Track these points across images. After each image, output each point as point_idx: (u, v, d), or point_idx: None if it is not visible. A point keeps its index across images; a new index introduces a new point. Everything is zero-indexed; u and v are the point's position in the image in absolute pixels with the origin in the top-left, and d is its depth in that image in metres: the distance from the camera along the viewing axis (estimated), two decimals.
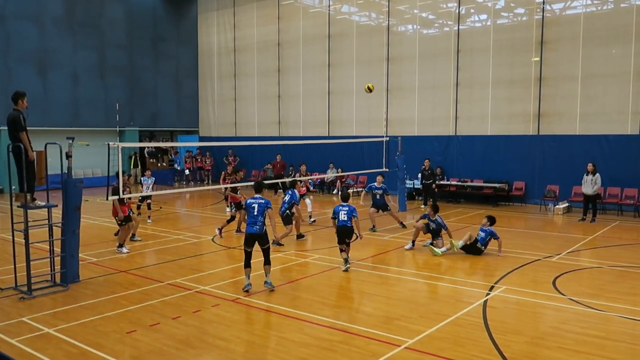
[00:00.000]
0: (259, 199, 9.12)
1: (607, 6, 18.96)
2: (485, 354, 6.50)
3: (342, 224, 10.42)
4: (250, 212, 9.04)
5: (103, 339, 7.03)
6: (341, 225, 10.42)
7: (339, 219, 10.46)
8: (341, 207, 10.57)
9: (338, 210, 10.56)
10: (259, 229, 8.96)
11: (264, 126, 28.11)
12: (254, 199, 9.15)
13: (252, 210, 9.01)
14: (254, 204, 9.03)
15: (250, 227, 9.00)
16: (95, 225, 15.98)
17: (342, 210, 10.49)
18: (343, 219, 10.42)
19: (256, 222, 8.97)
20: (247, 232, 9.07)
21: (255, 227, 8.96)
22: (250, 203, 9.08)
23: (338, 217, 10.51)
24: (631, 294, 8.94)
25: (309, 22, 26.12)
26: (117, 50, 28.79)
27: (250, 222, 9.01)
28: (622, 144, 18.04)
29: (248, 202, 9.13)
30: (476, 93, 21.07)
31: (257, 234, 8.98)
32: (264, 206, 9.04)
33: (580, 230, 15.05)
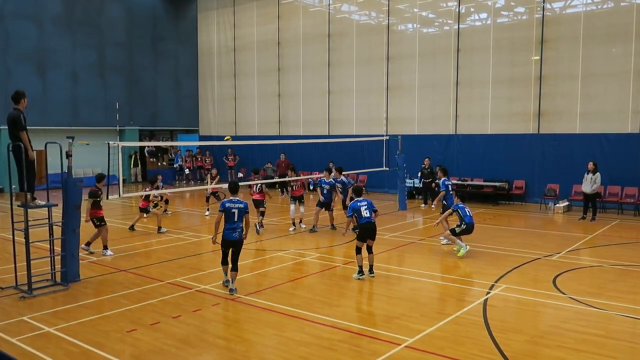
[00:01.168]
0: (237, 203, 8.78)
1: (607, 5, 18.95)
2: (485, 353, 6.50)
3: (366, 220, 9.58)
4: (231, 217, 8.68)
5: (103, 338, 7.03)
6: (366, 222, 9.58)
7: (362, 216, 9.59)
8: (359, 203, 9.73)
9: (358, 207, 9.68)
10: (238, 235, 8.74)
11: (264, 125, 28.10)
12: (231, 202, 8.77)
13: (232, 216, 8.68)
14: (234, 209, 8.70)
15: (230, 233, 8.68)
16: None
17: (363, 206, 9.65)
18: (366, 215, 9.57)
19: (236, 228, 8.70)
20: (226, 238, 8.70)
21: (235, 233, 8.70)
22: (230, 207, 8.71)
23: (359, 213, 9.65)
24: (631, 293, 8.94)
25: (309, 21, 26.11)
26: (116, 50, 28.78)
27: (230, 228, 8.68)
28: (622, 143, 18.03)
29: (227, 206, 8.72)
30: (476, 92, 21.06)
31: (237, 241, 8.76)
32: (243, 211, 8.78)
33: (581, 229, 15.05)
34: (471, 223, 11.40)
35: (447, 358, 6.37)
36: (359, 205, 9.72)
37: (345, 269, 10.68)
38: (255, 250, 12.49)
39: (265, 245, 13.06)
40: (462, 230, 11.41)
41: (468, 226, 11.36)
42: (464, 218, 11.35)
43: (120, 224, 16.26)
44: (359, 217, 9.67)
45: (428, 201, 19.76)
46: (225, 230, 8.70)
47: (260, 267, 10.80)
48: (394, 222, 16.08)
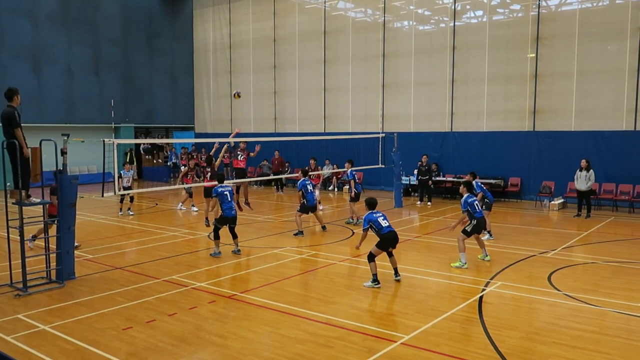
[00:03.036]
0: (226, 187, 11.23)
1: (602, 2, 18.98)
2: (480, 350, 6.52)
3: (388, 229, 9.39)
4: (224, 198, 11.03)
5: (99, 336, 7.02)
6: (388, 231, 9.39)
7: (382, 226, 9.39)
8: (375, 214, 9.54)
9: (374, 218, 9.46)
10: (235, 212, 11.26)
11: (260, 122, 28.07)
12: (223, 187, 11.13)
13: (226, 197, 11.04)
14: (226, 192, 11.10)
15: (229, 211, 11.10)
16: (90, 222, 15.93)
17: (380, 217, 9.51)
18: (386, 225, 9.43)
19: (232, 206, 11.12)
20: (226, 216, 11.09)
21: (232, 211, 11.15)
22: (222, 191, 11.06)
23: (378, 224, 9.41)
24: (626, 289, 8.99)
25: (305, 18, 26.07)
26: (112, 47, 28.67)
27: (227, 207, 11.07)
28: (617, 140, 18.09)
29: (220, 190, 11.06)
30: (472, 89, 21.08)
31: (234, 217, 11.21)
32: (232, 192, 11.27)
33: (575, 226, 15.11)
34: (481, 217, 10.82)
35: (442, 355, 6.39)
36: (375, 216, 9.49)
37: (341, 267, 10.70)
38: (251, 247, 12.48)
39: (261, 243, 13.06)
40: (473, 228, 10.68)
41: (478, 221, 10.69)
42: (474, 214, 10.65)
43: (115, 221, 16.23)
44: (379, 227, 9.38)
45: (424, 198, 19.80)
46: (224, 210, 11.07)
47: (256, 265, 10.80)
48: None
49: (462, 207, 10.69)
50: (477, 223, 10.61)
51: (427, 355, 6.40)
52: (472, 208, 10.65)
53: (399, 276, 9.49)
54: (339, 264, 10.85)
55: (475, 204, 10.73)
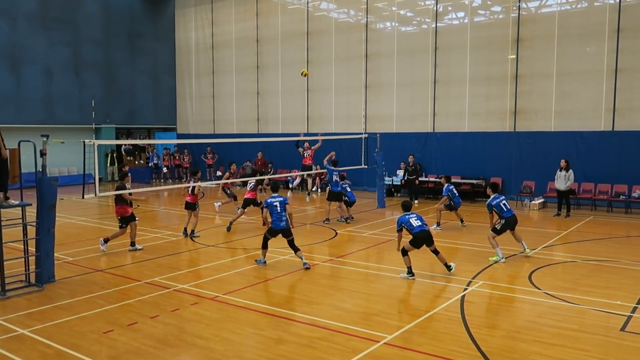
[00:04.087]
0: (277, 197, 10.44)
1: (581, 5, 19.28)
2: (462, 349, 6.57)
3: (420, 229, 9.73)
4: (274, 209, 10.26)
5: (79, 340, 6.93)
6: (420, 231, 9.71)
7: (414, 225, 9.75)
8: (408, 216, 9.93)
9: (406, 219, 9.86)
10: (284, 224, 10.29)
11: (243, 123, 27.96)
12: (272, 198, 10.44)
13: (276, 208, 10.27)
14: (275, 202, 10.33)
15: (278, 222, 10.27)
16: (71, 224, 15.74)
17: (413, 217, 9.88)
18: (418, 224, 9.77)
19: (282, 217, 10.27)
20: (274, 228, 10.31)
21: (282, 223, 10.28)
22: (272, 202, 10.33)
23: (411, 225, 9.78)
24: (605, 288, 9.13)
25: (288, 19, 26.05)
26: (92, 46, 28.35)
27: (277, 219, 10.25)
28: (595, 141, 18.37)
29: (269, 201, 10.35)
30: (454, 90, 21.24)
31: (284, 229, 10.30)
32: (284, 202, 10.36)
33: (555, 225, 15.30)
34: (510, 216, 11.06)
35: (425, 354, 6.43)
36: (407, 218, 9.92)
37: (324, 267, 10.71)
38: (235, 249, 12.43)
39: (244, 244, 13.02)
40: (502, 226, 11.05)
41: (507, 220, 11.02)
42: (503, 214, 11.02)
43: (96, 223, 16.05)
44: (410, 227, 9.81)
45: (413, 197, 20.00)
46: (274, 222, 10.31)
47: (240, 266, 10.76)
48: (372, 220, 16.16)
49: (488, 209, 11.44)
50: (505, 222, 11.07)
51: (410, 354, 6.43)
52: (498, 209, 11.16)
53: (452, 269, 9.88)
54: (322, 265, 10.86)
55: (502, 204, 11.18)
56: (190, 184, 14.17)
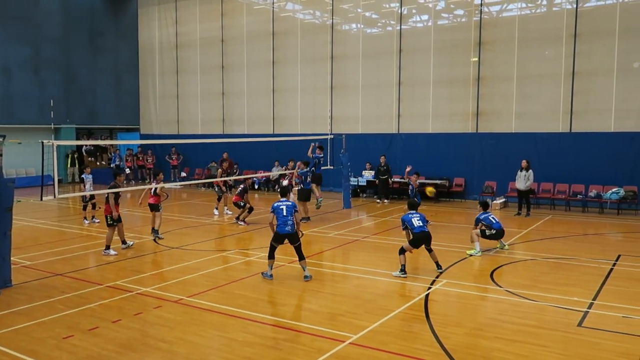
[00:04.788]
0: (285, 202, 9.97)
1: (540, 10, 19.81)
2: (427, 347, 6.66)
3: (420, 229, 10.08)
4: (280, 213, 9.74)
5: (38, 346, 6.74)
6: (420, 231, 10.07)
7: (415, 225, 10.11)
8: (411, 215, 10.32)
9: (409, 218, 10.24)
10: (290, 229, 9.67)
11: (208, 124, 27.68)
12: (280, 202, 9.95)
13: (281, 212, 9.74)
14: (282, 206, 9.82)
15: (282, 227, 9.67)
16: (28, 227, 15.28)
17: (415, 217, 10.23)
18: (419, 224, 10.12)
19: (287, 221, 9.68)
20: (279, 232, 9.69)
21: (287, 227, 9.66)
22: (278, 205, 9.84)
23: (412, 224, 10.15)
24: (563, 284, 9.39)
25: (253, 19, 25.92)
26: (52, 45, 27.62)
27: (282, 223, 9.68)
28: (554, 142, 18.89)
29: (276, 205, 9.86)
30: (418, 92, 21.52)
31: (290, 234, 9.68)
32: (292, 207, 9.86)
33: (516, 224, 15.66)
34: (500, 228, 11.84)
35: (390, 353, 6.49)
36: (410, 217, 10.28)
37: (290, 268, 10.69)
38: (199, 250, 12.30)
39: (209, 246, 12.89)
40: (492, 235, 11.83)
41: (497, 232, 11.80)
42: (492, 225, 11.79)
43: (56, 226, 15.64)
44: (412, 227, 10.14)
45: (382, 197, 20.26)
46: (278, 226, 9.72)
47: (204, 268, 10.65)
48: (338, 220, 16.23)
49: (475, 224, 12.09)
50: (495, 233, 11.80)
51: (375, 354, 6.48)
52: (486, 222, 11.84)
53: (441, 268, 10.16)
54: (288, 266, 10.84)
55: (490, 217, 11.91)
56: (152, 185, 14.01)
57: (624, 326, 7.34)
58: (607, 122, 18.16)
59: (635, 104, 17.69)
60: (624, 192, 17.24)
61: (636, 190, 17.25)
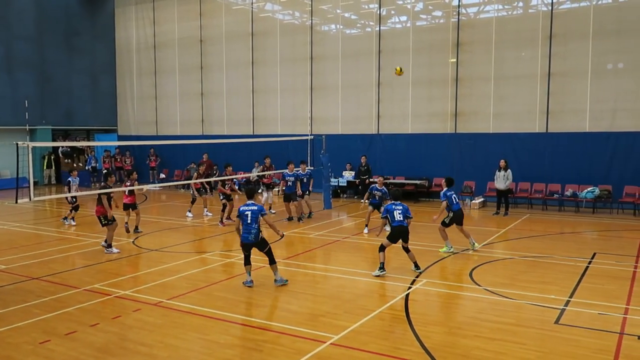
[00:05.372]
0: (251, 206, 9.15)
1: (516, 11, 20.07)
2: (407, 346, 6.70)
3: (398, 223, 9.93)
4: (244, 220, 9.05)
5: (13, 351, 6.61)
6: (398, 225, 9.94)
7: (395, 219, 9.96)
8: (394, 206, 10.07)
9: (392, 209, 10.04)
10: (254, 237, 9.03)
11: (187, 125, 27.45)
12: (246, 205, 9.16)
13: (246, 218, 9.04)
14: (247, 211, 9.05)
15: (246, 236, 9.05)
16: (3, 231, 14.99)
17: (397, 210, 9.98)
18: (399, 219, 9.94)
19: (250, 230, 9.01)
20: (243, 241, 9.11)
21: (250, 236, 9.03)
22: (244, 211, 9.06)
23: (392, 216, 10.00)
24: (540, 283, 9.53)
25: (232, 19, 25.79)
26: (25, 44, 27.10)
27: (245, 231, 9.05)
28: (531, 142, 19.15)
29: (241, 210, 9.08)
30: (397, 92, 21.64)
31: (253, 243, 9.09)
32: (257, 213, 9.06)
33: (494, 223, 15.85)
34: (458, 210, 11.66)
35: (370, 353, 6.51)
36: (393, 207, 10.07)
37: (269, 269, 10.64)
38: (179, 252, 12.19)
39: (188, 248, 12.79)
40: (451, 219, 11.62)
41: (455, 213, 11.56)
42: (452, 207, 11.53)
43: (32, 229, 15.36)
44: (392, 219, 9.98)
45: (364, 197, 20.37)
46: (242, 234, 9.10)
47: (184, 270, 10.56)
48: (319, 221, 16.23)
49: (442, 198, 11.68)
50: (454, 215, 11.54)
51: (355, 354, 6.50)
52: (449, 200, 11.56)
53: (419, 268, 10.09)
54: (268, 267, 10.79)
55: (453, 197, 11.64)
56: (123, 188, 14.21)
57: (600, 323, 7.47)
58: (582, 123, 18.49)
59: (609, 105, 18.03)
60: (599, 191, 17.56)
61: (611, 189, 17.58)
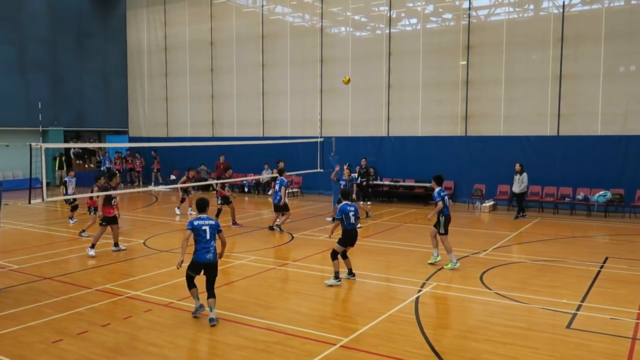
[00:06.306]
0: (207, 220, 7.89)
1: (527, 14, 20.00)
2: (417, 349, 6.69)
3: (352, 226, 9.59)
4: (202, 235, 7.74)
5: (26, 350, 6.68)
6: (352, 228, 9.59)
7: (350, 222, 9.55)
8: (349, 207, 9.65)
9: (347, 211, 9.58)
10: (212, 257, 7.77)
11: (197, 127, 27.60)
12: (201, 219, 7.85)
13: (204, 234, 7.74)
14: (204, 226, 7.78)
15: (203, 254, 7.72)
16: (16, 231, 15.12)
17: (351, 212, 9.59)
18: (353, 222, 9.60)
19: (209, 248, 7.76)
20: (198, 260, 7.74)
21: (209, 254, 7.74)
22: (200, 225, 7.77)
23: (348, 218, 9.55)
24: (551, 287, 9.46)
25: (243, 22, 25.90)
26: (38, 46, 27.40)
27: (202, 248, 7.73)
28: (541, 145, 19.05)
29: (196, 224, 7.77)
30: (407, 95, 21.62)
31: (211, 263, 7.76)
32: (215, 228, 7.86)
33: (505, 227, 15.77)
34: (448, 214, 10.96)
35: (380, 356, 6.50)
36: (348, 209, 9.60)
37: (279, 271, 10.68)
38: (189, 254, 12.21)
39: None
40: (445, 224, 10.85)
41: (446, 217, 10.89)
42: (444, 210, 10.81)
43: (44, 229, 15.50)
44: (347, 222, 9.54)
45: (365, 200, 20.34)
46: (197, 252, 7.76)
47: None
48: (328, 224, 16.22)
49: (436, 198, 10.86)
50: (445, 219, 10.88)
51: (365, 356, 6.50)
52: (445, 202, 10.91)
53: (354, 275, 9.79)
54: (278, 269, 10.83)
55: (447, 198, 10.97)
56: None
57: (612, 328, 7.41)
58: (594, 125, 18.36)
59: (621, 108, 17.90)
60: (611, 195, 17.44)
61: (623, 193, 17.44)
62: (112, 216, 12.14)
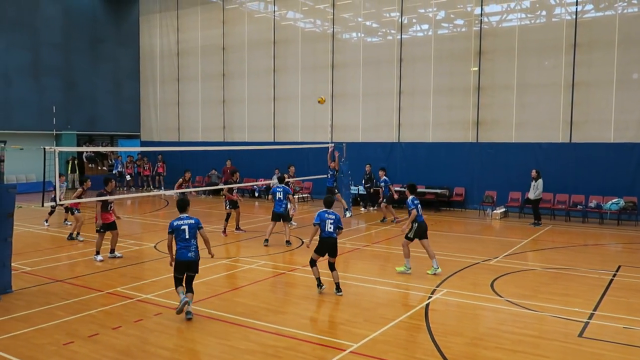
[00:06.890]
0: (186, 219, 8.05)
1: (539, 20, 19.92)
2: (427, 356, 6.65)
3: (328, 235, 9.21)
4: (181, 235, 7.93)
5: (37, 352, 6.73)
6: (328, 237, 9.21)
7: (325, 230, 9.21)
8: (327, 215, 9.27)
9: (325, 218, 9.24)
10: (194, 255, 7.98)
11: (208, 131, 27.74)
12: (180, 219, 8.03)
13: (183, 234, 7.93)
14: (183, 226, 7.96)
15: (184, 252, 7.92)
16: (29, 233, 15.27)
17: (329, 219, 9.21)
18: (329, 230, 9.21)
19: (189, 246, 7.96)
20: (180, 259, 7.92)
21: (190, 253, 7.94)
22: (179, 225, 7.96)
23: (323, 226, 9.23)
24: (563, 295, 9.39)
25: (254, 27, 26.04)
26: (52, 51, 27.70)
27: (183, 247, 7.93)
28: (553, 152, 18.92)
29: (176, 225, 7.97)
30: (418, 101, 21.59)
31: (193, 261, 7.99)
32: (195, 227, 8.04)
33: (516, 234, 15.67)
34: (422, 222, 10.75)
35: None
36: (325, 216, 9.28)
37: (290, 276, 10.69)
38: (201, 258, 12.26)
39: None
40: (415, 232, 10.68)
41: (419, 225, 10.67)
42: (417, 217, 10.61)
43: (56, 232, 15.62)
44: (322, 229, 9.25)
45: (367, 205, 20.33)
46: (179, 250, 7.97)
47: (205, 276, 10.61)
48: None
49: (410, 206, 10.67)
50: (418, 227, 10.65)
51: None
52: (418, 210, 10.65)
53: (341, 292, 9.24)
54: (288, 274, 10.84)
55: (419, 206, 10.74)
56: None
57: (625, 337, 7.34)
58: (606, 133, 18.22)
59: (635, 115, 17.75)
60: (624, 202, 17.27)
61: (636, 201, 17.28)
62: (111, 222, 11.97)
